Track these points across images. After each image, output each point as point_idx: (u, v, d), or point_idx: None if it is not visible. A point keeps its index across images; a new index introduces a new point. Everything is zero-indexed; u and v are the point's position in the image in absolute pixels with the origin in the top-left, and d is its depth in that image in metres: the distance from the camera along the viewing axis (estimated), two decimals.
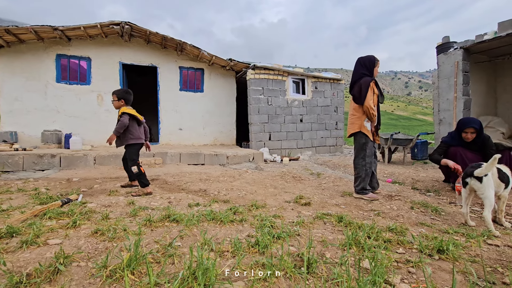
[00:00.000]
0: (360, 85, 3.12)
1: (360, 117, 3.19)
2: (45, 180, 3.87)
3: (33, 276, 1.25)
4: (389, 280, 1.34)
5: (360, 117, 3.19)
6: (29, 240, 1.61)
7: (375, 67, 3.20)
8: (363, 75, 3.18)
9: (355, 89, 3.20)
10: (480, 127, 3.42)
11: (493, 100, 6.71)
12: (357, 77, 3.21)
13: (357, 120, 3.21)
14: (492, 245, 1.87)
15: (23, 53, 6.46)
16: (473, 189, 2.29)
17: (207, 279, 1.16)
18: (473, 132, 3.41)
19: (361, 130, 3.18)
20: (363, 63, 3.22)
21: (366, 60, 3.21)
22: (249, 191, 3.44)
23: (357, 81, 3.18)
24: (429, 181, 4.24)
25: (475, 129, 3.39)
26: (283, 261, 1.40)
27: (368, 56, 3.24)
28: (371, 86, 3.09)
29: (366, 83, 3.08)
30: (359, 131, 3.19)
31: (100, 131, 7.01)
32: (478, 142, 3.46)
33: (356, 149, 3.27)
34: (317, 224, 2.21)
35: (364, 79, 3.13)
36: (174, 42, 7.22)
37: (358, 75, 3.22)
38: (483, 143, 3.44)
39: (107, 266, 1.33)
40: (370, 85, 3.08)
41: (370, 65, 3.18)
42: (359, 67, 3.23)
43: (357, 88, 3.15)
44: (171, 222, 2.09)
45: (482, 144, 3.44)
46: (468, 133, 3.43)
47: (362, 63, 3.22)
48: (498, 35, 5.18)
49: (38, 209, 2.24)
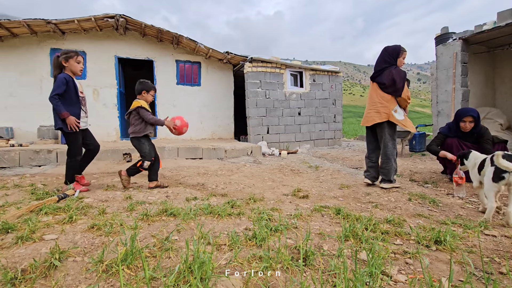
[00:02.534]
0: (393, 75, 3.13)
1: (388, 106, 3.18)
2: (42, 175, 3.85)
3: (28, 272, 1.24)
4: (386, 271, 1.34)
5: (388, 106, 3.18)
6: (25, 236, 1.60)
7: (399, 57, 3.20)
8: (389, 64, 3.20)
9: (384, 77, 3.19)
10: (478, 116, 3.43)
11: (491, 91, 6.70)
12: (384, 65, 3.23)
13: (384, 109, 3.19)
14: (489, 235, 1.88)
15: (16, 47, 6.36)
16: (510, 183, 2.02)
17: (203, 272, 1.15)
18: (472, 121, 3.43)
19: (389, 119, 3.17)
20: (389, 51, 3.23)
21: (391, 49, 3.23)
22: (247, 185, 3.43)
23: (385, 69, 3.20)
24: (427, 172, 4.25)
25: (473, 117, 3.40)
26: (280, 253, 1.40)
27: (394, 46, 3.24)
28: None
29: (402, 75, 3.13)
30: (388, 120, 3.18)
31: (97, 125, 6.95)
32: (475, 133, 3.47)
33: (386, 139, 3.22)
34: (315, 216, 2.21)
35: (396, 69, 3.16)
36: (170, 35, 7.12)
37: (384, 63, 3.23)
38: (480, 134, 3.46)
39: (103, 260, 1.32)
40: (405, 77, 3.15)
41: (394, 54, 3.20)
42: (385, 55, 3.24)
43: (390, 77, 3.15)
44: (168, 216, 2.08)
45: (479, 135, 3.46)
46: (466, 122, 3.45)
47: (387, 52, 3.24)
48: (497, 25, 5.13)
49: (34, 204, 2.22)
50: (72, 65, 2.75)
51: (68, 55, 2.72)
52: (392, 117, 3.16)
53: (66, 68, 2.74)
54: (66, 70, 2.76)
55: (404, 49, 3.22)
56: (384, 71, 3.21)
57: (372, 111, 3.28)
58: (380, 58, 3.31)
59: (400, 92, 3.15)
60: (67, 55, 2.72)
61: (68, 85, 2.70)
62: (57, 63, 2.73)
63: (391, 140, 3.22)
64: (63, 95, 2.68)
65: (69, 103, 2.74)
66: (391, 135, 3.23)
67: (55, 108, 2.63)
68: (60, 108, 2.64)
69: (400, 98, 3.19)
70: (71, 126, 2.72)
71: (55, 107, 2.62)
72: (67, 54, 2.73)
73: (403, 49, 3.22)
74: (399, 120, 3.18)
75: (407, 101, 3.19)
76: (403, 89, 3.14)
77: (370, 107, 3.32)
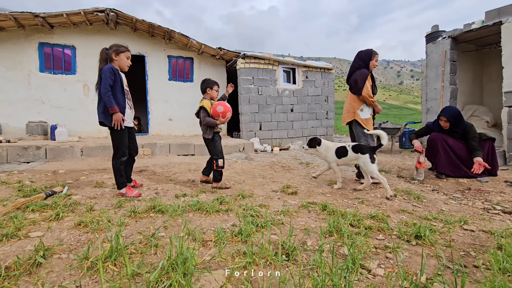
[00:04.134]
0: (356, 76, 3.39)
1: (354, 106, 3.44)
2: (30, 172, 3.81)
3: (12, 269, 1.25)
4: (366, 265, 1.39)
5: (354, 106, 3.44)
6: (10, 233, 1.60)
7: (371, 60, 3.40)
8: (359, 67, 3.41)
9: (351, 80, 3.47)
10: (452, 117, 3.63)
11: (479, 89, 6.82)
12: (354, 69, 3.47)
13: (352, 108, 3.46)
14: (467, 230, 1.95)
15: (3, 41, 6.21)
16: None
17: (186, 268, 1.17)
18: (446, 121, 3.67)
19: (355, 118, 3.43)
20: (360, 56, 3.44)
21: (363, 53, 3.44)
22: (238, 181, 3.46)
23: (354, 72, 3.46)
24: (414, 169, 4.33)
25: (446, 118, 3.64)
26: (264, 249, 1.43)
27: (366, 50, 3.45)
28: (368, 78, 3.33)
29: (363, 75, 3.34)
30: (354, 119, 3.45)
31: (87, 121, 6.88)
32: (459, 130, 3.61)
33: (357, 136, 3.46)
34: (302, 212, 2.25)
35: (361, 70, 3.37)
36: (162, 30, 7.04)
37: (354, 68, 3.47)
38: (466, 131, 3.58)
39: (88, 257, 1.33)
40: (367, 77, 3.33)
41: (366, 58, 3.41)
42: (357, 60, 3.47)
43: (353, 79, 3.42)
44: (156, 213, 2.09)
45: (465, 132, 3.59)
46: (442, 121, 3.71)
47: (359, 56, 3.45)
48: (485, 24, 5.22)
49: (21, 201, 2.21)
50: (122, 60, 2.65)
51: (119, 49, 2.62)
52: (357, 116, 3.42)
53: (115, 62, 2.63)
54: (114, 64, 2.64)
55: (376, 52, 3.43)
56: (352, 74, 3.48)
57: (345, 111, 3.60)
58: (353, 63, 3.54)
59: (360, 91, 3.34)
60: (119, 49, 2.62)
61: (116, 77, 2.56)
62: (105, 55, 2.60)
63: (363, 136, 3.40)
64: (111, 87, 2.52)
65: (115, 96, 2.56)
66: (362, 132, 3.41)
67: (106, 101, 2.46)
68: (111, 101, 2.47)
69: (361, 97, 3.38)
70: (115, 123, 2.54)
71: (106, 99, 2.46)
72: (119, 48, 2.62)
73: (375, 52, 3.42)
74: (362, 118, 3.41)
75: (369, 99, 3.34)
76: (363, 88, 3.31)
77: (344, 108, 3.61)
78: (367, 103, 3.40)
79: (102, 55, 2.60)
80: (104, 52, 2.61)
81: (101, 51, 2.61)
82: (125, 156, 2.71)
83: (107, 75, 2.48)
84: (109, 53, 2.59)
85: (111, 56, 2.60)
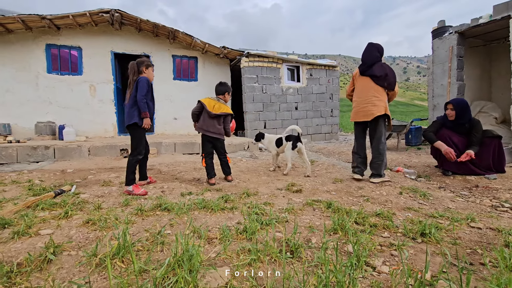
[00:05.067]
0: (385, 69, 3.22)
1: (383, 100, 3.23)
2: (39, 171, 3.88)
3: (24, 265, 1.28)
4: (371, 263, 1.39)
5: (383, 100, 3.23)
6: (21, 231, 1.64)
7: (383, 55, 3.37)
8: (378, 58, 3.30)
9: (376, 70, 3.22)
10: (458, 106, 3.57)
11: (487, 84, 6.71)
12: (375, 59, 3.28)
13: (380, 102, 3.21)
14: (474, 227, 1.93)
15: (12, 43, 6.33)
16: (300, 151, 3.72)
17: (191, 265, 1.19)
18: (452, 109, 3.61)
19: (386, 112, 3.22)
20: (377, 47, 3.34)
21: (378, 45, 3.36)
22: (242, 179, 3.48)
23: (377, 63, 3.26)
24: (421, 166, 4.30)
25: (452, 105, 3.59)
26: (268, 246, 1.44)
27: (379, 44, 3.38)
28: None
29: (393, 71, 3.27)
30: (386, 113, 3.22)
31: (94, 121, 6.98)
32: (464, 123, 3.57)
33: (381, 133, 3.25)
34: (306, 210, 2.25)
35: (386, 64, 3.28)
36: (166, 30, 7.08)
37: (375, 57, 3.30)
38: (471, 126, 3.55)
39: (97, 254, 1.36)
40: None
41: (381, 51, 3.34)
42: (375, 51, 3.32)
43: (383, 70, 3.21)
44: (162, 211, 2.12)
45: (471, 127, 3.55)
46: (448, 109, 3.65)
47: (377, 48, 3.33)
48: (493, 18, 5.12)
49: (31, 200, 2.27)
50: (150, 73, 3.02)
51: (149, 64, 3.01)
52: (388, 110, 3.22)
53: (144, 74, 2.98)
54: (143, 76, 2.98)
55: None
56: (375, 64, 3.26)
57: (369, 104, 3.21)
58: (369, 53, 3.33)
59: (394, 85, 3.21)
60: (149, 64, 3.00)
61: (149, 87, 2.97)
62: (136, 69, 2.94)
63: (384, 135, 3.28)
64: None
65: (147, 103, 2.93)
66: (385, 129, 3.29)
67: (141, 106, 2.83)
68: (145, 107, 2.87)
69: (392, 92, 3.26)
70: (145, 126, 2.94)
71: (142, 105, 2.84)
72: (149, 63, 3.01)
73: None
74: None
75: (396, 96, 3.30)
76: (395, 83, 3.21)
77: (364, 101, 3.27)
78: (389, 99, 3.30)
79: (134, 68, 2.93)
80: (134, 65, 2.93)
81: (131, 65, 2.94)
82: (141, 155, 2.97)
83: (144, 85, 2.86)
84: (140, 67, 2.94)
85: (141, 70, 2.95)
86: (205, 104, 3.27)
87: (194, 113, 3.38)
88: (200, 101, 3.32)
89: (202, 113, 3.35)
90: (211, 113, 3.25)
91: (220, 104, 3.33)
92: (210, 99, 3.34)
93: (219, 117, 3.33)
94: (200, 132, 3.36)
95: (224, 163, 3.42)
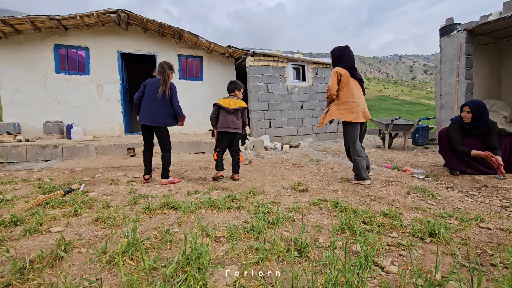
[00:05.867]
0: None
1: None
2: (48, 170, 3.94)
3: (36, 262, 1.31)
4: (379, 263, 1.38)
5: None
6: (32, 228, 1.67)
7: None
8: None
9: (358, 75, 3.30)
10: (475, 108, 3.45)
11: (497, 83, 6.59)
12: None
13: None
14: (484, 228, 1.90)
15: (21, 44, 6.43)
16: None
17: (200, 263, 1.20)
18: (468, 112, 3.50)
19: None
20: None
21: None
22: (248, 178, 3.48)
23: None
24: (428, 166, 4.25)
25: (469, 107, 3.48)
26: (276, 245, 1.45)
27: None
28: None
29: None
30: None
31: (101, 121, 7.06)
32: (481, 126, 3.45)
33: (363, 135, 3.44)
34: (313, 210, 2.25)
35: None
36: (172, 30, 7.12)
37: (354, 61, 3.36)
38: (489, 128, 3.45)
39: (106, 252, 1.38)
40: None
41: None
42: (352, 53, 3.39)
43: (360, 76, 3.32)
44: (169, 210, 2.14)
45: (488, 129, 3.45)
46: (464, 112, 3.53)
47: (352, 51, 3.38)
48: (503, 15, 5.03)
49: (41, 198, 2.30)
50: (172, 77, 3.28)
51: (173, 68, 3.27)
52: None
53: (171, 77, 3.23)
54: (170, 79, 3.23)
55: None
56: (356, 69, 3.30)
57: (365, 106, 3.28)
58: (352, 56, 3.29)
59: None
60: (173, 68, 3.27)
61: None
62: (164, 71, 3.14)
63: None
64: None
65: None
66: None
67: (178, 111, 3.19)
68: (182, 111, 3.24)
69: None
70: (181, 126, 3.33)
71: (179, 110, 3.19)
72: (173, 68, 3.27)
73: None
74: None
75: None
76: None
77: (363, 103, 3.24)
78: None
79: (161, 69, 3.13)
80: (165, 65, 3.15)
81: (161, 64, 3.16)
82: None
83: (176, 92, 3.18)
84: (167, 72, 3.16)
85: (168, 73, 3.18)
86: (221, 103, 3.41)
87: (213, 117, 3.45)
88: (216, 104, 3.44)
89: (219, 115, 3.44)
90: (229, 109, 3.39)
91: (234, 100, 3.47)
92: (223, 98, 3.47)
93: (237, 112, 3.46)
94: (221, 130, 3.43)
95: (236, 160, 3.51)
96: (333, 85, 3.15)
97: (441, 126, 6.10)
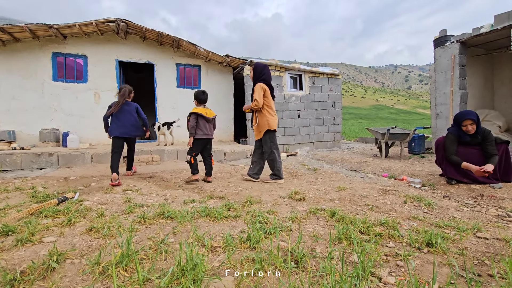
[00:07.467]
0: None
1: None
2: (43, 178, 3.90)
3: (27, 273, 1.28)
4: (377, 273, 1.37)
5: None
6: (24, 238, 1.64)
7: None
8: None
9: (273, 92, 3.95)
10: (477, 118, 3.48)
11: (490, 93, 6.71)
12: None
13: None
14: (481, 238, 1.90)
15: (19, 51, 6.45)
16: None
17: (195, 274, 1.18)
18: (472, 123, 3.49)
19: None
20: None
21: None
22: (245, 187, 3.47)
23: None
24: (424, 175, 4.27)
25: (473, 120, 3.47)
26: (272, 256, 1.43)
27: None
28: None
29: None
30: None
31: (98, 128, 7.01)
32: (478, 136, 3.49)
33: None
34: (310, 219, 2.24)
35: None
36: (170, 39, 7.19)
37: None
38: (484, 137, 3.48)
39: (100, 263, 1.36)
40: None
41: None
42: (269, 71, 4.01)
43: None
44: (165, 219, 2.11)
45: (484, 138, 3.48)
46: (467, 126, 3.50)
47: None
48: (494, 28, 5.16)
49: (35, 207, 2.27)
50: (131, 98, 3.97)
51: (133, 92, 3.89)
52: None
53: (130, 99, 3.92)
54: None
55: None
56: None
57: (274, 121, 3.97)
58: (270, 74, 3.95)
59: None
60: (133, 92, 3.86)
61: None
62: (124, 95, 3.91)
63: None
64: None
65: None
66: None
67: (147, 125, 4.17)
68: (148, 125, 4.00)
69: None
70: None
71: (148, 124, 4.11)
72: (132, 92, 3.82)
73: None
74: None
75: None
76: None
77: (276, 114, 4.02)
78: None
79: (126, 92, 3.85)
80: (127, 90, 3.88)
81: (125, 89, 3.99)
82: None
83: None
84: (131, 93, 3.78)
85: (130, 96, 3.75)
86: (201, 112, 3.65)
87: (194, 125, 3.64)
88: (195, 112, 3.63)
89: (198, 122, 3.66)
90: (209, 118, 3.71)
91: (208, 109, 3.80)
92: (200, 108, 3.71)
93: (213, 120, 3.85)
94: (202, 137, 3.68)
95: (210, 163, 3.84)
96: (260, 97, 3.69)
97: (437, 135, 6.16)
